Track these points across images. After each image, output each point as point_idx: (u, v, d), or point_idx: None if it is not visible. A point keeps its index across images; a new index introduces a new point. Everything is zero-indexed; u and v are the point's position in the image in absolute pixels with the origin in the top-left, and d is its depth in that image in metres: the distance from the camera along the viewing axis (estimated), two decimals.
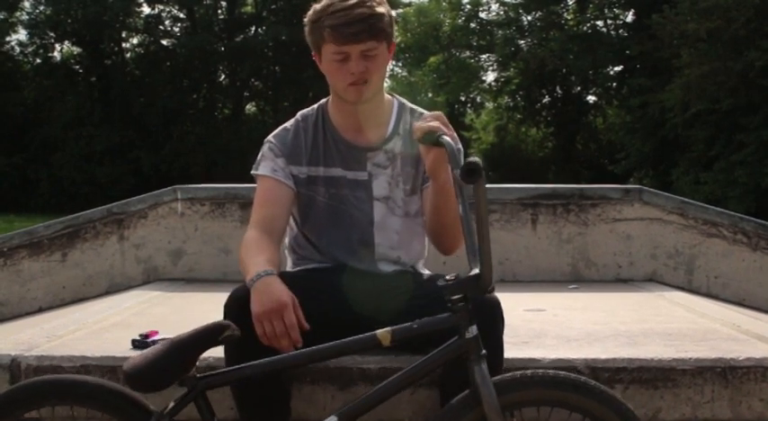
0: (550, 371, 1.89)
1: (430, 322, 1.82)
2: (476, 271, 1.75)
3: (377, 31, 2.13)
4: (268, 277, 1.96)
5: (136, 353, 2.26)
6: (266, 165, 2.28)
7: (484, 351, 1.78)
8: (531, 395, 1.81)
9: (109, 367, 2.21)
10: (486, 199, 1.73)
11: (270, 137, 2.35)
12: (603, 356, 2.26)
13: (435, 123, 1.99)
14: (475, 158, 1.69)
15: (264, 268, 1.98)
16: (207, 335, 1.79)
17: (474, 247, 1.77)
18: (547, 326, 2.73)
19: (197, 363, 1.83)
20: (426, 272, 2.41)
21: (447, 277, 1.78)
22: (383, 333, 1.81)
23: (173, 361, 1.77)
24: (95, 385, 1.90)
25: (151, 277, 3.99)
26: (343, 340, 1.84)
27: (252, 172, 2.32)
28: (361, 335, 1.83)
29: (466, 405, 1.78)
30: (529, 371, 1.84)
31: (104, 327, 2.75)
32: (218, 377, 1.86)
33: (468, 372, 1.78)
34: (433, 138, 1.95)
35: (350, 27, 2.10)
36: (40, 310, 3.87)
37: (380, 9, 2.15)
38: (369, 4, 2.13)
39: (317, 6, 2.18)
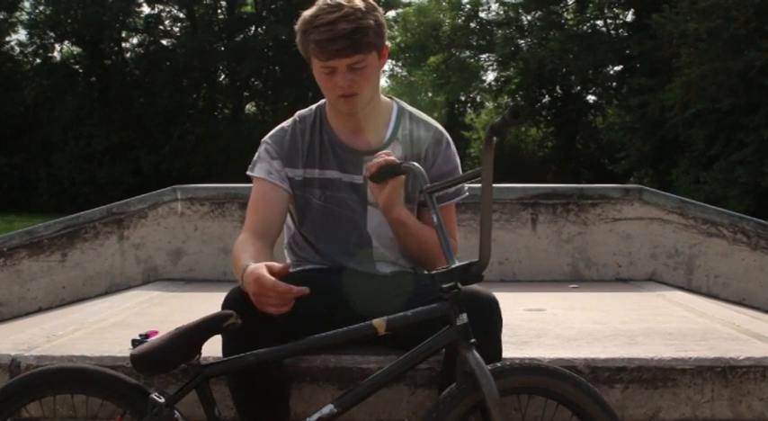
0: (543, 362, 1.97)
1: (423, 311, 1.87)
2: (457, 262, 1.81)
3: (362, 45, 2.10)
4: (252, 265, 1.94)
5: None
6: (262, 166, 2.28)
7: (473, 339, 1.81)
8: (523, 382, 1.86)
9: (108, 367, 2.21)
10: (492, 188, 1.77)
11: (267, 137, 2.34)
12: (603, 356, 2.26)
13: (391, 157, 2.06)
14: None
15: (249, 261, 1.97)
16: (210, 323, 1.85)
17: (450, 251, 1.84)
18: (547, 325, 2.74)
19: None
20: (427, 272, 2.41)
21: (439, 267, 1.84)
22: (378, 321, 1.86)
23: (177, 345, 1.83)
24: (96, 372, 1.95)
25: (151, 277, 3.99)
26: (341, 329, 1.88)
27: (248, 172, 2.32)
28: (358, 325, 1.88)
29: (462, 391, 1.81)
30: (517, 360, 1.92)
31: (104, 327, 2.75)
32: (221, 365, 1.90)
33: (460, 359, 1.80)
34: (394, 170, 2.06)
35: (333, 43, 2.08)
36: (40, 310, 3.87)
37: (366, 21, 2.10)
38: (353, 17, 2.08)
39: (305, 16, 2.16)
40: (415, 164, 2.04)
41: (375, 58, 2.17)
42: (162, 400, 1.84)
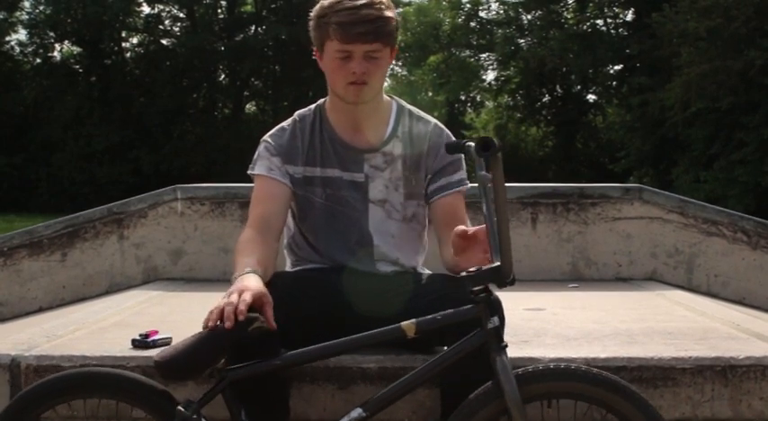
0: (573, 364, 1.92)
1: (454, 314, 1.85)
2: (496, 262, 1.78)
3: (383, 34, 2.13)
4: (247, 275, 1.94)
5: (136, 353, 2.28)
6: (262, 164, 2.28)
7: (505, 342, 1.80)
8: (553, 387, 1.83)
9: (109, 367, 2.21)
10: (505, 190, 1.75)
11: (266, 136, 2.35)
12: (603, 355, 2.26)
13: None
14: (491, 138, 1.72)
15: (248, 268, 1.96)
16: (237, 327, 1.80)
17: (497, 243, 1.80)
18: (546, 325, 2.73)
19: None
20: (427, 271, 2.41)
21: (469, 269, 1.80)
22: (408, 324, 1.83)
23: (203, 350, 1.79)
24: (127, 378, 1.92)
25: (151, 277, 3.99)
26: (369, 332, 1.85)
27: (248, 172, 2.32)
28: (386, 327, 1.84)
29: (487, 396, 1.80)
30: (551, 364, 1.88)
31: (104, 327, 2.75)
32: (246, 369, 1.86)
33: (490, 363, 1.79)
34: (456, 147, 2.00)
35: (357, 26, 2.10)
36: (40, 310, 3.87)
37: (388, 13, 2.15)
38: (377, 6, 2.13)
39: (324, 2, 2.18)
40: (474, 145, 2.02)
41: (388, 53, 2.20)
42: (189, 409, 1.80)
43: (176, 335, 2.43)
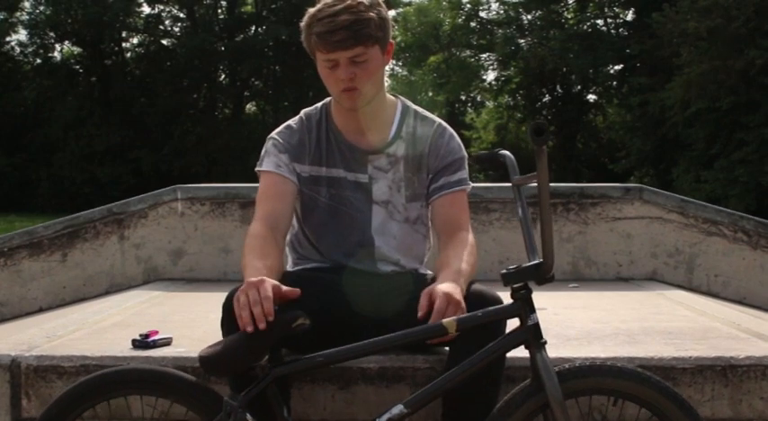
0: (611, 362, 1.93)
1: (494, 311, 1.86)
2: (537, 260, 1.80)
3: (363, 37, 2.09)
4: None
5: (137, 353, 2.28)
6: (270, 160, 2.27)
7: (544, 339, 1.81)
8: (592, 384, 1.84)
9: (109, 367, 2.21)
10: (549, 186, 1.77)
11: (273, 133, 2.34)
12: (603, 355, 2.26)
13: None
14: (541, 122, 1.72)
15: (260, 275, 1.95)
16: (281, 324, 1.80)
17: (533, 242, 1.81)
18: (547, 324, 2.71)
19: None
20: (429, 272, 2.40)
21: (509, 267, 1.81)
22: (449, 321, 1.82)
23: (248, 347, 1.79)
24: (171, 374, 1.93)
25: (151, 277, 3.99)
26: (411, 329, 1.84)
27: (256, 169, 2.31)
28: (427, 325, 1.84)
29: (528, 392, 1.81)
30: (589, 362, 1.89)
31: (104, 327, 2.75)
32: (290, 365, 1.87)
33: (530, 360, 1.81)
34: (490, 158, 2.06)
35: (334, 35, 2.08)
36: (41, 310, 3.87)
37: (368, 14, 2.10)
38: (354, 9, 2.09)
39: (310, 11, 2.16)
40: (512, 157, 2.06)
41: (378, 52, 2.16)
42: (235, 400, 1.81)
43: (177, 336, 2.43)
